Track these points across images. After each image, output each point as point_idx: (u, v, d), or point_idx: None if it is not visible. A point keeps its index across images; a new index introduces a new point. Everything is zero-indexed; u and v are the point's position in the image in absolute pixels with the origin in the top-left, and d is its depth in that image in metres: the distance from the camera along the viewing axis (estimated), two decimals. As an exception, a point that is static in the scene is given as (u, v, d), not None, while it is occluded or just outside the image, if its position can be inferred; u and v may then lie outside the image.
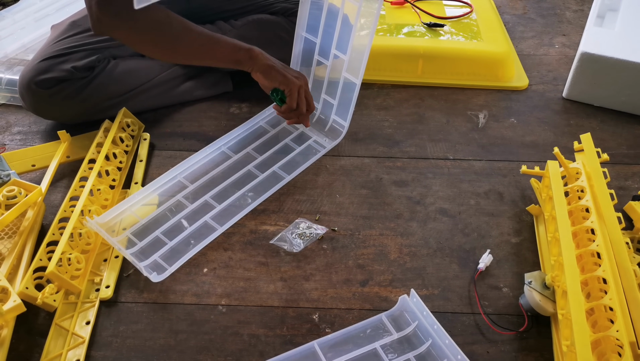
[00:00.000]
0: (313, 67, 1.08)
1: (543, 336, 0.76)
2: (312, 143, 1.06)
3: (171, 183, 0.95)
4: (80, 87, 1.04)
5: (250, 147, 1.03)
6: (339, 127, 1.07)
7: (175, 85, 1.15)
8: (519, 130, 1.13)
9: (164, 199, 0.93)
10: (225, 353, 0.74)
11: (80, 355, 0.73)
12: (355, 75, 1.00)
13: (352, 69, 1.01)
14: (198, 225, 0.89)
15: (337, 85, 1.04)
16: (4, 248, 0.83)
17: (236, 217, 0.91)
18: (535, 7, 1.59)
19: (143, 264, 0.81)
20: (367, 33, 0.97)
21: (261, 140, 1.05)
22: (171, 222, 0.89)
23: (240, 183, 0.97)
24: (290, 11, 1.19)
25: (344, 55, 1.00)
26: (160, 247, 0.85)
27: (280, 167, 1.00)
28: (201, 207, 0.92)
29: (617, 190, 0.98)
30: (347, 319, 0.78)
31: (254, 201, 0.94)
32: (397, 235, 0.90)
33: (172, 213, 0.91)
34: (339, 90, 1.04)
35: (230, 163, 1.00)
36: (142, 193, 0.92)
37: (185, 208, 0.91)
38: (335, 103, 1.06)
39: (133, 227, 0.88)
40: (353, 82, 1.01)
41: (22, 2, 1.46)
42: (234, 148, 1.03)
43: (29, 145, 1.08)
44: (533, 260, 0.86)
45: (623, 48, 1.13)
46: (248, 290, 0.82)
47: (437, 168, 1.03)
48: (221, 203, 0.92)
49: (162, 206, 0.91)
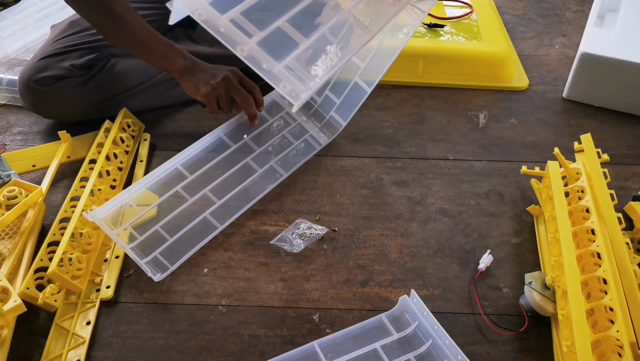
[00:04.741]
0: None
1: (543, 336, 0.76)
2: (309, 139, 1.05)
3: (170, 173, 0.91)
4: (79, 85, 1.04)
5: (248, 136, 1.00)
6: (336, 124, 1.07)
7: (175, 84, 1.15)
8: (519, 131, 1.13)
9: (164, 190, 0.89)
10: (225, 354, 0.74)
11: (81, 355, 0.73)
12: (369, 84, 1.00)
13: (367, 76, 1.00)
14: (198, 220, 0.88)
15: (345, 86, 1.03)
16: (4, 248, 0.84)
17: (235, 215, 0.91)
18: (536, 8, 1.59)
19: (144, 261, 0.81)
20: (392, 46, 0.97)
21: (259, 129, 1.02)
22: (171, 215, 0.87)
23: (239, 178, 0.95)
24: None
25: (361, 63, 1.00)
26: (160, 243, 0.84)
27: (277, 162, 0.99)
28: (201, 201, 0.90)
29: (618, 190, 0.98)
30: (348, 319, 0.78)
31: (252, 200, 0.93)
32: (397, 235, 0.90)
33: (172, 208, 0.88)
34: (347, 92, 1.03)
35: (228, 154, 0.97)
36: (142, 183, 0.88)
37: (185, 201, 0.89)
38: (338, 102, 1.05)
39: (133, 219, 0.85)
40: (364, 89, 1.01)
41: (23, 3, 1.46)
42: (232, 137, 0.99)
43: (29, 146, 1.08)
44: (533, 261, 0.86)
45: (623, 48, 1.13)
46: (248, 290, 0.82)
47: (438, 168, 1.03)
48: (220, 199, 0.91)
49: (162, 197, 0.88)
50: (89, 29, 1.08)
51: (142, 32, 0.94)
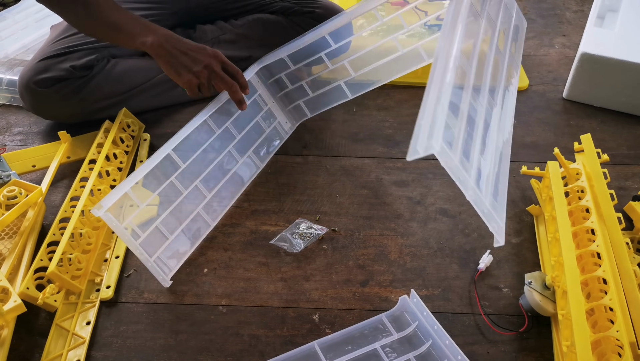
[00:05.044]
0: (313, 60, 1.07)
1: (543, 336, 0.76)
2: (277, 126, 1.06)
3: (164, 162, 0.86)
4: (79, 86, 1.04)
5: (230, 120, 0.98)
6: (301, 113, 1.08)
7: (175, 84, 1.15)
8: (519, 131, 1.13)
9: (158, 183, 0.85)
10: (225, 354, 0.74)
11: (81, 355, 0.73)
12: (352, 91, 1.01)
13: (353, 87, 1.00)
14: (192, 217, 0.87)
15: (325, 85, 1.03)
16: (4, 248, 0.83)
17: (225, 209, 0.93)
18: (535, 8, 1.59)
19: (153, 259, 0.80)
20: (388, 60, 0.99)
21: (237, 114, 1.00)
22: (170, 209, 0.84)
23: (225, 168, 0.95)
24: (289, 10, 1.20)
25: (353, 72, 1.01)
26: (161, 242, 0.82)
27: (254, 151, 1.00)
28: (193, 195, 0.88)
29: (617, 190, 0.98)
30: (348, 319, 0.78)
31: (237, 194, 0.95)
32: (397, 235, 0.90)
33: (168, 203, 0.85)
34: (325, 89, 1.04)
35: (214, 140, 0.94)
36: (140, 173, 0.83)
37: (180, 195, 0.87)
38: (310, 95, 1.06)
39: (134, 214, 0.81)
40: (346, 93, 1.01)
41: (23, 3, 1.47)
42: (217, 121, 0.96)
43: (29, 146, 1.08)
44: (533, 261, 0.86)
45: (623, 48, 1.13)
46: (248, 290, 0.82)
47: (438, 168, 1.03)
48: (211, 191, 0.91)
49: (158, 190, 0.85)
50: None
51: (114, 13, 0.89)
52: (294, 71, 1.06)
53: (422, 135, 0.59)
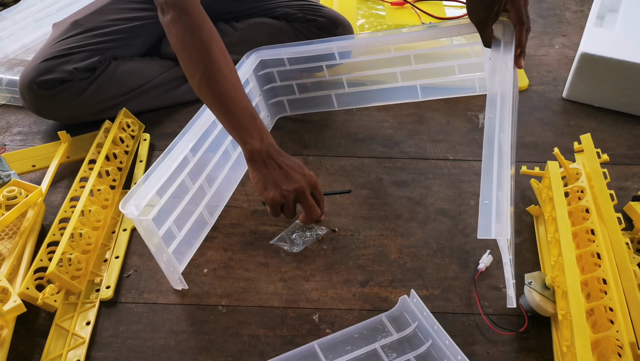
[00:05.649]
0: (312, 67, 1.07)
1: (543, 336, 0.76)
2: (263, 119, 1.03)
3: (179, 158, 0.81)
4: (81, 88, 1.04)
5: None
6: (282, 109, 1.09)
7: (175, 85, 1.16)
8: (519, 131, 1.13)
9: (170, 181, 0.81)
10: (225, 354, 0.74)
11: (81, 355, 0.73)
12: (340, 104, 1.05)
13: (342, 100, 1.05)
14: (196, 215, 0.86)
15: (315, 90, 1.06)
16: (4, 248, 0.84)
17: (221, 206, 0.93)
18: (535, 8, 1.59)
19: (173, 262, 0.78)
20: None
21: None
22: (180, 207, 0.82)
23: (222, 165, 0.94)
24: (292, 16, 1.19)
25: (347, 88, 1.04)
26: (172, 240, 0.80)
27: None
28: (199, 192, 0.87)
29: (617, 190, 0.98)
30: (347, 319, 0.78)
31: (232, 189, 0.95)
32: (397, 235, 0.90)
33: (178, 198, 0.83)
34: (314, 95, 1.07)
35: (215, 137, 0.92)
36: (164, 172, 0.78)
37: (188, 191, 0.85)
38: (297, 95, 1.07)
39: (151, 213, 0.76)
40: (334, 104, 1.05)
41: (23, 3, 1.46)
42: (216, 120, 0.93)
43: (29, 146, 1.08)
44: (533, 261, 0.86)
45: (623, 48, 1.13)
46: (248, 290, 0.82)
47: (437, 168, 1.03)
48: (211, 190, 0.90)
49: (171, 189, 0.81)
50: (92, 30, 1.08)
51: (230, 89, 0.81)
52: (288, 70, 1.07)
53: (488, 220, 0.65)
